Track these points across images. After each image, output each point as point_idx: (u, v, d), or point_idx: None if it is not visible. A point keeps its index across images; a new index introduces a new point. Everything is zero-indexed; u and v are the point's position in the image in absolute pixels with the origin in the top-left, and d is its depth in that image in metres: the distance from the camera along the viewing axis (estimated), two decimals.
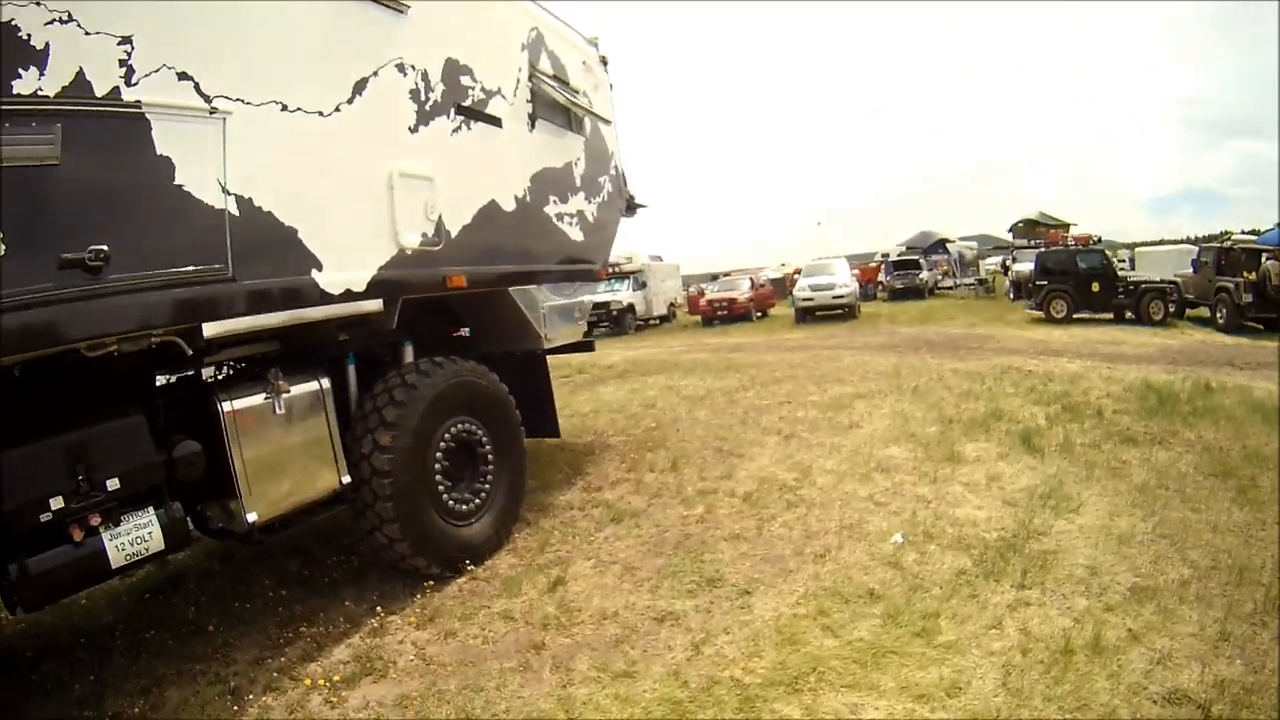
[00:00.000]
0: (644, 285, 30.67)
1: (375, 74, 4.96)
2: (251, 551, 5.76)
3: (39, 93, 3.38)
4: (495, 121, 6.09)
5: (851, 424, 8.36)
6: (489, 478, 5.77)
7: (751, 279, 31.93)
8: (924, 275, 34.72)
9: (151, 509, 3.94)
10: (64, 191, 3.43)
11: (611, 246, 8.27)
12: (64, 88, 3.45)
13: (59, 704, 4.17)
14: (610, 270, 29.67)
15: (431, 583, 5.14)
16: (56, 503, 3.61)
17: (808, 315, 25.87)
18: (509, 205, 6.22)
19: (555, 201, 6.92)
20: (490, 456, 5.78)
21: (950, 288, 36.35)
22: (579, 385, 13.87)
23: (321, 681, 4.10)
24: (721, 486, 6.56)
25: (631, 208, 9.18)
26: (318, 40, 4.66)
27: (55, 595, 3.93)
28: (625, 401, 11.35)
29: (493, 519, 5.75)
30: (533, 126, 6.62)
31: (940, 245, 39.94)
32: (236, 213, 4.03)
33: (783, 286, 35.08)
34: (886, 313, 26.75)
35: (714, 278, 37.05)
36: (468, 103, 5.79)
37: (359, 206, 4.87)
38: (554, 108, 6.92)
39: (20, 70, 3.35)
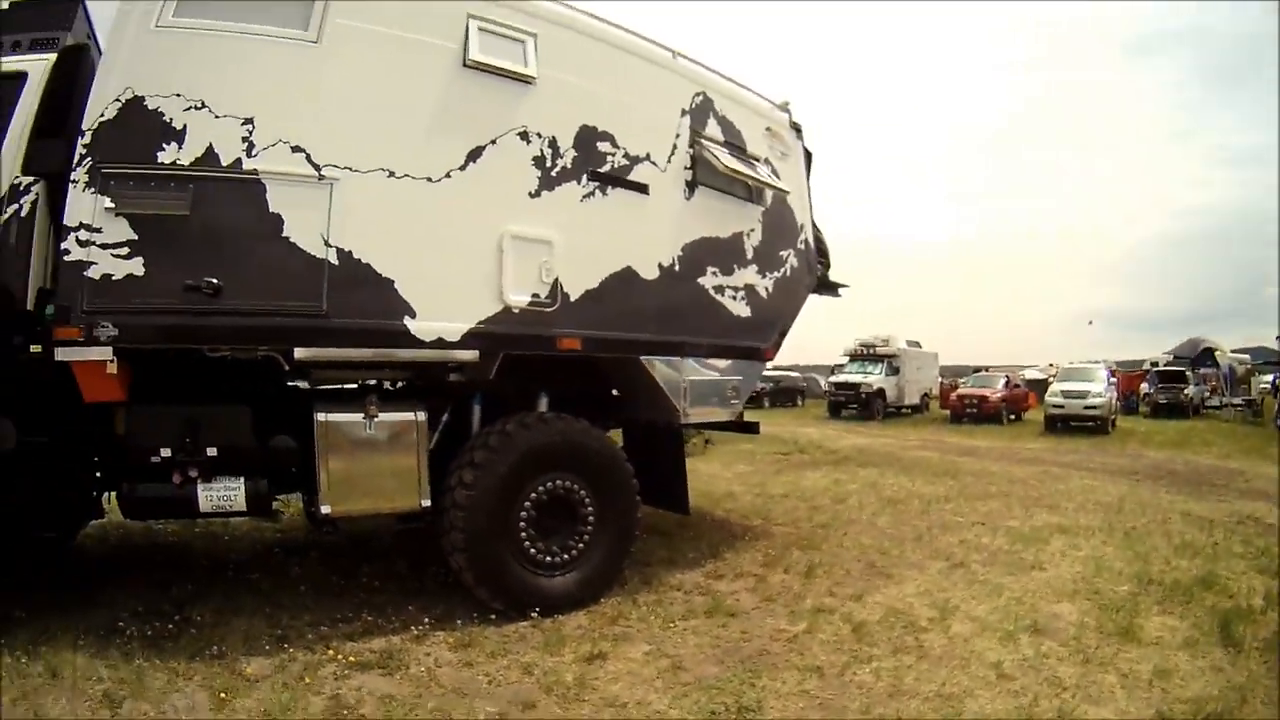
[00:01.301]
0: (897, 371, 29.50)
1: (493, 142, 5.29)
2: (388, 542, 6.98)
3: (176, 162, 4.53)
4: (640, 188, 6.01)
5: (1035, 564, 7.12)
6: (585, 537, 5.75)
7: (1008, 377, 29.52)
8: (1189, 390, 30.27)
9: (242, 478, 4.98)
10: (193, 237, 4.55)
11: (789, 326, 7.66)
12: (196, 159, 4.55)
13: (160, 598, 5.44)
14: (863, 351, 29.42)
15: (494, 616, 5.33)
16: (165, 452, 4.78)
17: (1057, 424, 23.58)
18: (650, 273, 6.08)
19: (715, 273, 6.61)
20: (591, 517, 5.76)
21: (1217, 407, 30.65)
22: (789, 467, 13.45)
23: (342, 657, 4.65)
24: (843, 608, 5.79)
25: (828, 286, 8.58)
26: (430, 115, 5.17)
27: (150, 514, 5.55)
28: (819, 491, 10.79)
29: (581, 577, 5.72)
30: (691, 194, 6.42)
31: (1209, 356, 34.57)
32: (335, 262, 4.75)
33: (1043, 389, 32.02)
34: (1143, 430, 23.60)
35: (974, 370, 34.69)
36: (605, 169, 5.80)
37: (463, 264, 5.20)
38: (721, 175, 6.59)
39: (163, 145, 4.52)
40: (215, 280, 4.50)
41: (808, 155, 7.99)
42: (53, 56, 5.05)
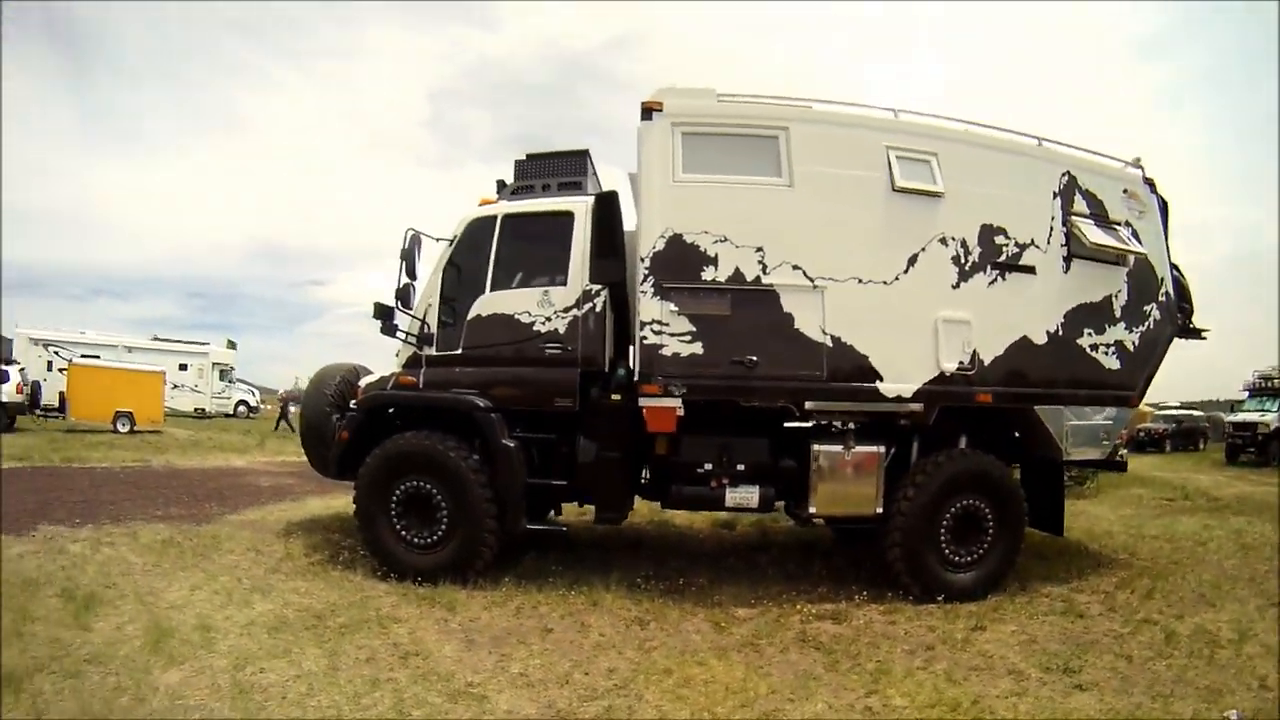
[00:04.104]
0: None
1: (923, 249, 7.42)
2: (826, 547, 9.75)
3: (715, 280, 7.20)
4: (1029, 270, 7.70)
5: None
6: (985, 545, 7.63)
7: None
8: None
9: (757, 485, 7.57)
10: (734, 329, 7.21)
11: (1154, 374, 8.65)
12: (729, 277, 7.20)
13: (662, 568, 8.23)
14: (1261, 384, 28.95)
15: (910, 598, 7.40)
16: (708, 465, 7.52)
17: None
18: (1040, 339, 7.75)
19: (1090, 334, 7.99)
20: (991, 530, 7.63)
21: None
22: (1168, 512, 13.91)
23: (805, 611, 7.02)
24: (1164, 622, 6.97)
25: (1190, 332, 9.28)
26: (880, 233, 7.43)
27: (689, 507, 8.39)
28: (1187, 535, 11.30)
29: (978, 576, 7.58)
30: (1068, 268, 7.88)
31: None
32: (830, 345, 7.16)
33: None
34: None
35: None
36: (1002, 259, 7.61)
37: (911, 343, 7.36)
38: (1091, 246, 7.88)
39: (704, 267, 7.20)
40: (754, 358, 7.13)
41: (1163, 205, 8.82)
42: (590, 199, 7.76)
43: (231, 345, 44.21)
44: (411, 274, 7.95)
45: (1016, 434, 8.33)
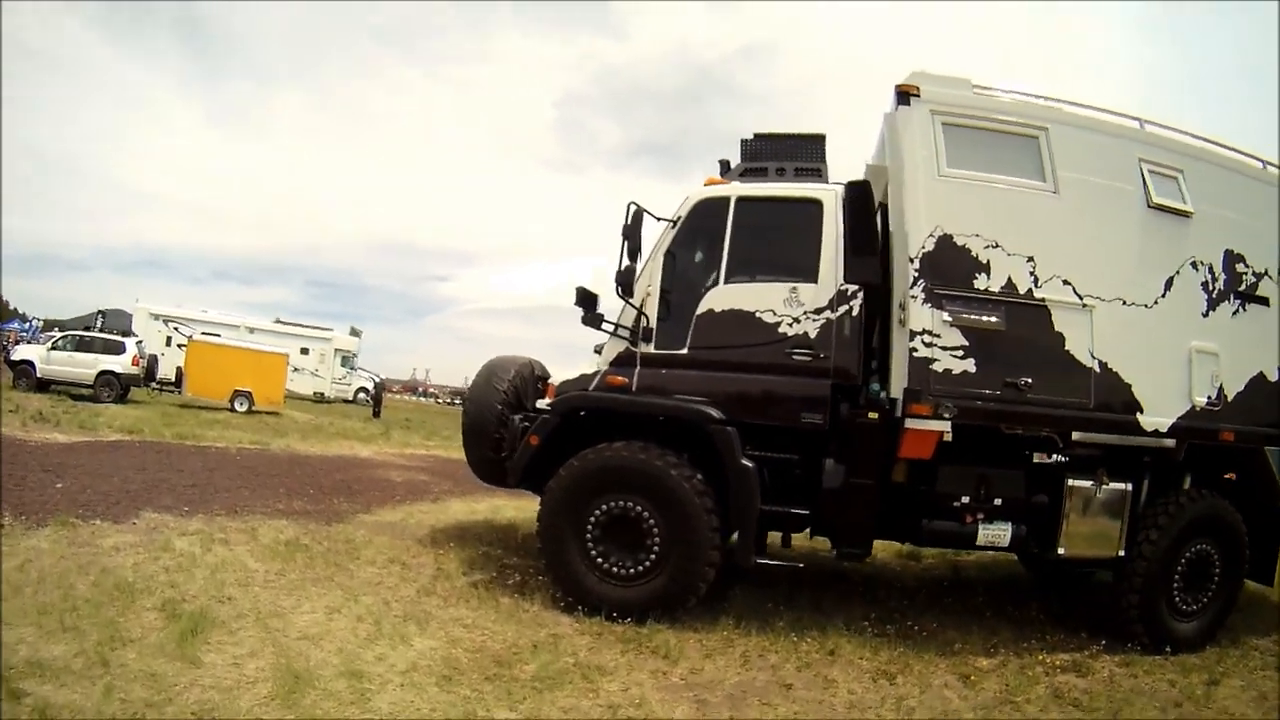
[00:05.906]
0: None
1: (1178, 272, 7.14)
2: (1027, 587, 9.38)
3: (987, 289, 6.73)
4: (1264, 301, 7.51)
5: None
6: (1209, 594, 7.39)
7: None
8: None
9: (1010, 523, 6.95)
10: (1006, 347, 6.75)
11: None
12: (1000, 287, 6.75)
13: (884, 610, 7.66)
14: None
15: (1138, 648, 7.10)
16: (964, 498, 6.91)
17: None
18: (1273, 376, 7.50)
19: None
20: (1216, 577, 7.39)
21: None
22: None
23: (1049, 661, 6.65)
24: None
25: None
26: (1140, 252, 7.12)
27: (939, 544, 7.83)
28: None
29: (1199, 626, 7.35)
30: None
31: None
32: (1097, 370, 6.80)
33: None
34: None
35: None
36: (1243, 288, 7.40)
37: (1168, 373, 7.07)
38: None
39: (976, 275, 6.72)
40: (1029, 380, 6.67)
41: None
42: (839, 187, 7.22)
43: (355, 333, 45.39)
44: (634, 254, 7.13)
45: (1232, 476, 8.08)
